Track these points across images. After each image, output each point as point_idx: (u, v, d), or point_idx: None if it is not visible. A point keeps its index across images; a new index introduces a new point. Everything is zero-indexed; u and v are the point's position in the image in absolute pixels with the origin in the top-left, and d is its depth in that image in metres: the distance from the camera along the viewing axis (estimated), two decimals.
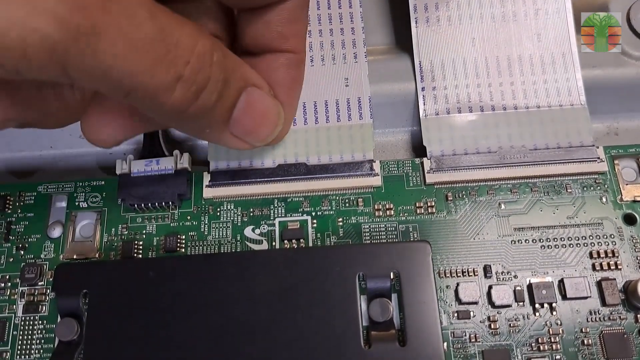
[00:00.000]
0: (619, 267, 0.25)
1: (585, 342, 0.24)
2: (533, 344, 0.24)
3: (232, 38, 0.23)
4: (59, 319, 0.24)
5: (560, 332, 0.24)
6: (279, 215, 0.27)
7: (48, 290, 0.26)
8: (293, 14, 0.22)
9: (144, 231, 0.27)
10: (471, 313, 0.24)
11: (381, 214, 0.27)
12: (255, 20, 0.22)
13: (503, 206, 0.26)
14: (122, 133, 0.19)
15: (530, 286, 0.25)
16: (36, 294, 0.26)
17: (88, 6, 0.13)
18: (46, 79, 0.15)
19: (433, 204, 0.27)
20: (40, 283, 0.26)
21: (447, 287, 0.25)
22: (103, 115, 0.19)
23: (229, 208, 0.27)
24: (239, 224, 0.27)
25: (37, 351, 0.25)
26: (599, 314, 0.24)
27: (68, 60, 0.14)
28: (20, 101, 0.17)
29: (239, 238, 0.26)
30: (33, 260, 0.26)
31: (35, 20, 0.12)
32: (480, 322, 0.24)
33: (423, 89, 0.28)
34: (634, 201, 0.26)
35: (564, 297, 0.24)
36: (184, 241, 0.26)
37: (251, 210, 0.27)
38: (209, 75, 0.18)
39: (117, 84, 0.16)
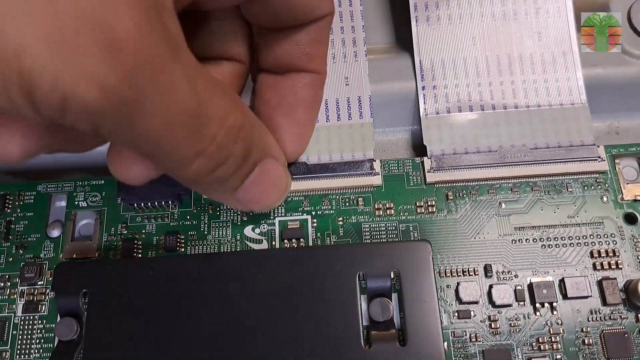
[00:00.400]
0: (620, 266, 0.25)
1: (586, 341, 0.24)
2: (534, 344, 0.24)
3: (252, 57, 0.23)
4: (58, 318, 0.24)
5: (561, 331, 0.24)
6: (279, 215, 0.27)
7: (48, 290, 0.26)
8: (320, 34, 0.22)
9: (144, 230, 0.27)
10: (472, 312, 0.24)
11: (381, 213, 0.26)
12: (283, 39, 0.22)
13: (504, 205, 0.26)
14: (151, 171, 0.19)
15: (530, 286, 0.25)
16: (36, 293, 0.26)
17: (137, 77, 0.13)
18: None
19: (433, 203, 0.26)
20: (39, 282, 0.26)
21: (447, 286, 0.25)
22: (130, 154, 0.19)
23: (228, 207, 0.27)
24: (238, 224, 0.27)
25: (36, 351, 0.25)
26: (600, 313, 0.24)
27: (103, 123, 0.14)
28: (54, 129, 0.17)
29: (238, 237, 0.26)
30: (33, 260, 0.26)
31: (82, 88, 0.12)
32: (480, 321, 0.24)
33: (423, 87, 0.28)
34: (635, 200, 0.26)
35: (565, 296, 0.24)
36: (183, 240, 0.26)
37: None
38: (231, 152, 0.18)
39: (143, 149, 0.16)
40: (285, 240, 0.26)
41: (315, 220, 0.26)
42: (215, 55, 0.22)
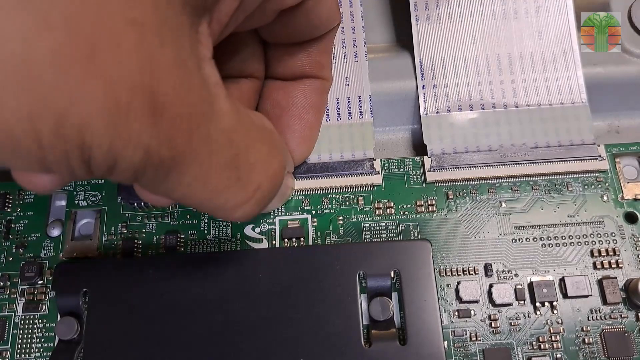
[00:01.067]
0: (620, 265, 0.25)
1: (586, 340, 0.24)
2: (534, 343, 0.24)
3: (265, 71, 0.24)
4: (58, 317, 0.24)
5: (561, 330, 0.24)
6: (279, 214, 0.27)
7: (48, 289, 0.26)
8: (328, 45, 0.23)
9: (144, 230, 0.27)
10: (472, 312, 0.24)
11: (381, 212, 0.26)
12: (296, 51, 0.23)
13: (504, 204, 0.26)
14: None
15: (531, 285, 0.25)
16: (36, 292, 0.26)
17: (176, 139, 0.14)
18: None
19: (434, 202, 0.26)
20: (40, 282, 0.26)
21: (447, 285, 0.25)
22: None
23: None
24: (238, 223, 0.27)
25: (37, 350, 0.25)
26: (600, 312, 0.24)
27: (142, 178, 0.14)
28: None
29: (239, 237, 0.26)
30: (33, 259, 0.26)
31: (130, 152, 0.13)
32: (480, 320, 0.24)
33: (424, 86, 0.28)
34: (635, 199, 0.26)
35: (565, 295, 0.24)
36: (183, 240, 0.26)
37: None
38: (273, 195, 0.19)
39: (178, 200, 0.16)
40: (286, 240, 0.26)
41: (315, 220, 0.26)
42: (235, 74, 0.23)
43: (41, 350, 0.25)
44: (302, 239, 0.26)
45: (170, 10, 0.13)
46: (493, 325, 0.24)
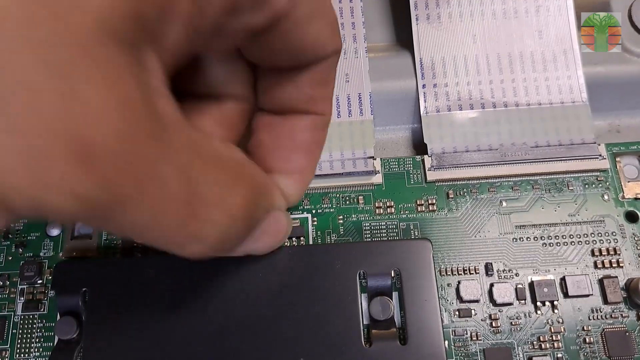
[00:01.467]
0: (621, 264, 0.25)
1: (587, 340, 0.24)
2: (535, 342, 0.24)
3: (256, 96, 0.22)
4: (58, 317, 0.24)
5: (562, 330, 0.24)
6: None
7: (47, 289, 0.26)
8: (324, 76, 0.20)
9: None
10: (472, 311, 0.24)
11: (382, 211, 0.26)
12: (283, 81, 0.20)
13: (504, 204, 0.26)
14: None
15: (531, 284, 0.25)
16: (35, 292, 0.26)
17: (117, 182, 0.13)
18: None
19: (434, 201, 0.26)
20: (39, 281, 0.26)
21: (448, 285, 0.25)
22: None
23: None
24: None
25: (36, 349, 0.25)
26: (601, 312, 0.24)
27: (82, 221, 0.14)
28: None
29: None
30: (32, 259, 0.26)
31: (56, 199, 0.12)
32: (481, 320, 0.24)
33: (424, 86, 0.28)
34: (636, 199, 0.26)
35: (566, 295, 0.24)
36: None
37: None
38: (236, 231, 0.18)
39: (131, 237, 0.16)
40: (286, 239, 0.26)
41: (315, 219, 0.26)
42: (217, 94, 0.21)
43: (41, 350, 0.25)
44: (302, 238, 0.26)
45: (103, 49, 0.12)
46: (494, 324, 0.24)
